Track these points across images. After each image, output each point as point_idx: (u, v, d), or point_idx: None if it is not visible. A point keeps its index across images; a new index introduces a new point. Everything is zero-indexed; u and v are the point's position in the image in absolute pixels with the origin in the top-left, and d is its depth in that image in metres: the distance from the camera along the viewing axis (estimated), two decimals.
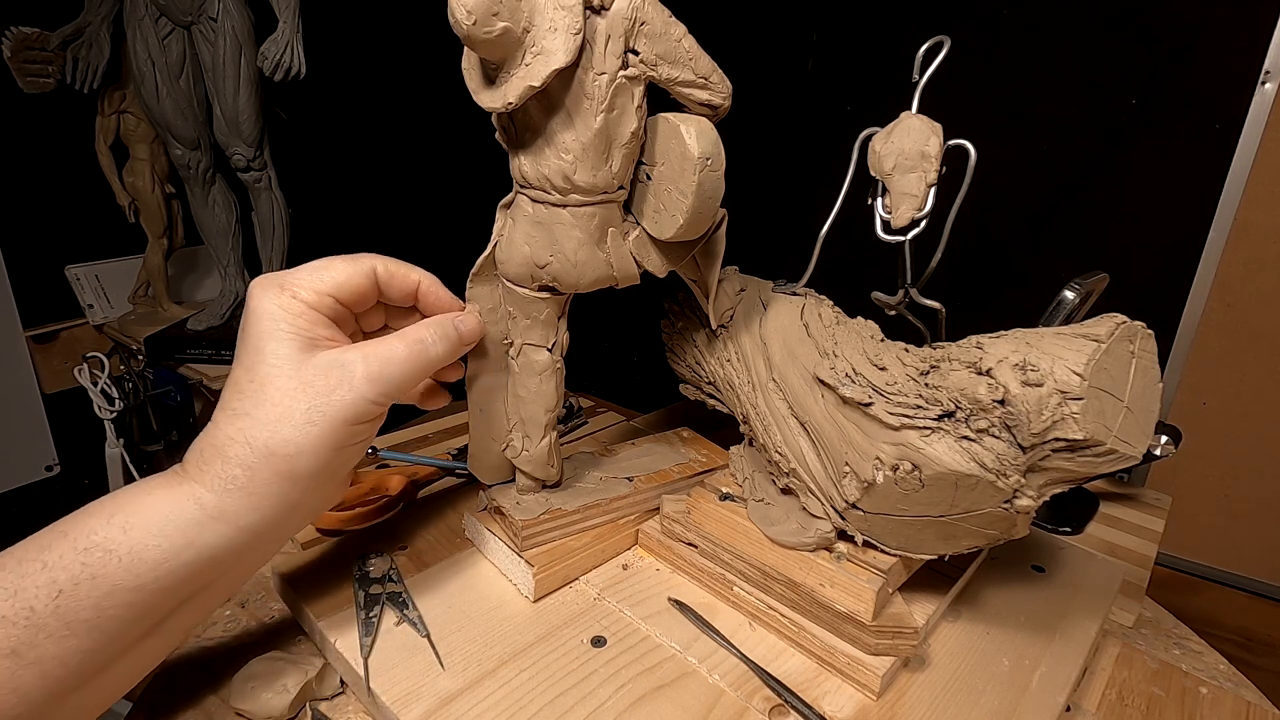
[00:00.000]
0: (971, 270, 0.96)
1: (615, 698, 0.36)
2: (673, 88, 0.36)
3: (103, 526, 0.30)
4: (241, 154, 1.02)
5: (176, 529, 0.30)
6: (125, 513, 0.30)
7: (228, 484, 0.31)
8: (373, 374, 0.33)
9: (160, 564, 0.30)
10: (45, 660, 0.28)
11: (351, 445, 0.34)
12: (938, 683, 0.38)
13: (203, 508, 0.31)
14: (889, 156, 0.41)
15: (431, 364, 0.36)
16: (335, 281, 0.35)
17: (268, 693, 0.36)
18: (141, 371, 1.05)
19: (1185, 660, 0.46)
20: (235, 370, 0.33)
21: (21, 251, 1.09)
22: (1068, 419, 0.31)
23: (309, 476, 0.32)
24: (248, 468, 0.31)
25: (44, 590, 0.28)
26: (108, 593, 0.29)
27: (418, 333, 0.36)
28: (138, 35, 0.96)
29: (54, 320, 1.16)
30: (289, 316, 0.33)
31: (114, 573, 0.29)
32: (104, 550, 0.29)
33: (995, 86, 0.96)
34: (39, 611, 0.28)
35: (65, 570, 0.28)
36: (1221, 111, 0.86)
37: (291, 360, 0.33)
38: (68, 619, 0.28)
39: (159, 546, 0.30)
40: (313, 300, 0.34)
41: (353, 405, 0.33)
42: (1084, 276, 0.49)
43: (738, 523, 0.43)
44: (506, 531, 0.44)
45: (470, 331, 0.39)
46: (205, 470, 0.31)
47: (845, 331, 0.42)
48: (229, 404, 0.32)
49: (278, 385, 0.32)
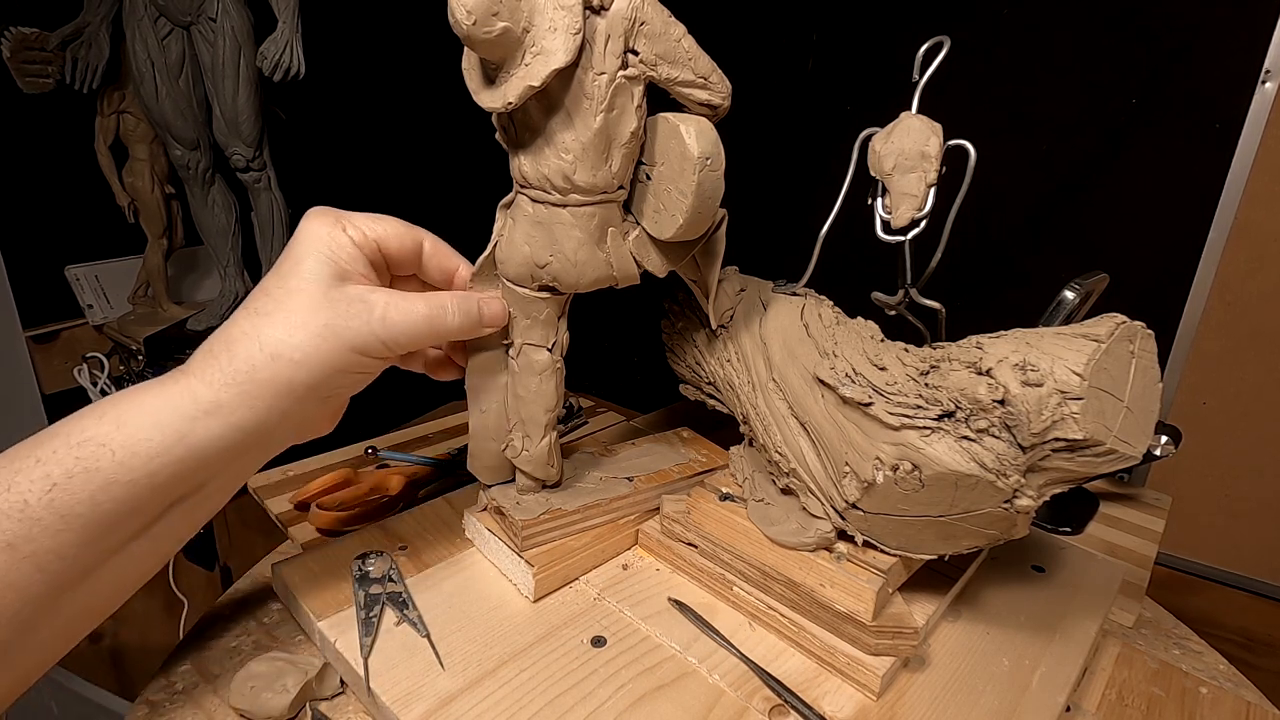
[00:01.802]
0: (971, 270, 0.96)
1: (615, 698, 0.36)
2: (672, 88, 0.36)
3: (95, 424, 0.30)
4: (241, 154, 1.02)
5: (169, 422, 0.31)
6: (118, 409, 0.31)
7: (228, 379, 0.32)
8: (390, 319, 0.35)
9: (153, 457, 0.30)
10: (41, 554, 0.29)
11: (350, 373, 0.36)
12: (938, 683, 0.38)
13: (197, 402, 0.32)
14: (889, 156, 0.41)
15: (446, 332, 0.38)
16: (386, 233, 0.38)
17: (268, 693, 0.36)
18: (141, 371, 1.05)
19: (1185, 660, 0.46)
20: (268, 279, 0.35)
21: (21, 252, 1.09)
22: (1068, 419, 0.31)
23: (305, 388, 0.34)
24: (251, 365, 0.32)
25: (38, 484, 0.29)
26: (101, 485, 0.29)
27: (441, 299, 0.38)
28: (137, 35, 0.96)
29: (54, 320, 1.16)
30: (334, 245, 0.35)
31: (107, 466, 0.30)
32: (97, 444, 0.30)
33: (995, 86, 0.96)
34: (33, 505, 0.28)
35: (59, 464, 0.29)
36: (1222, 111, 0.86)
37: (324, 280, 0.34)
38: (61, 512, 0.29)
39: (151, 440, 0.30)
40: (360, 239, 0.36)
41: (364, 336, 0.34)
42: (1084, 276, 0.49)
43: (738, 523, 0.43)
44: (506, 531, 0.44)
45: (493, 315, 0.40)
46: (209, 364, 0.32)
47: (845, 331, 0.42)
48: (252, 304, 0.34)
49: (305, 295, 0.34)
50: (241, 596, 0.46)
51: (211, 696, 0.38)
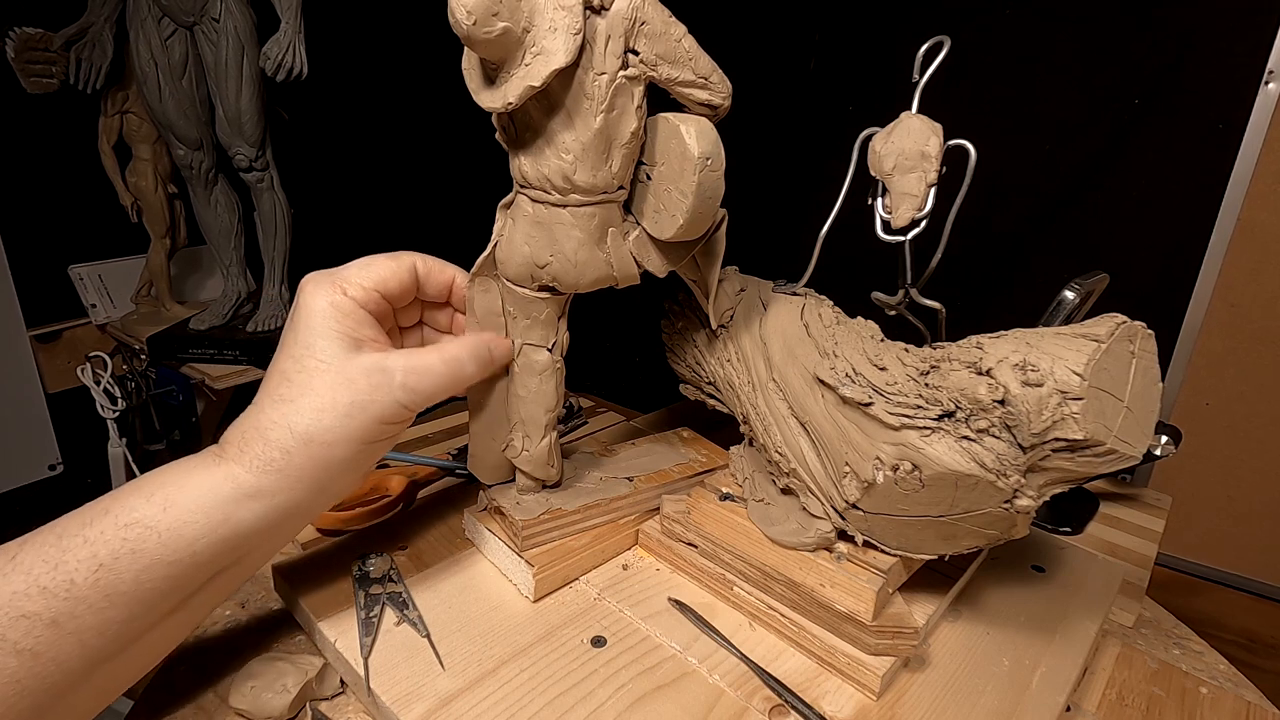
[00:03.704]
0: (971, 270, 0.96)
1: (615, 698, 0.36)
2: (672, 88, 0.36)
3: (143, 504, 0.31)
4: (244, 154, 1.02)
5: (214, 505, 0.32)
6: (165, 491, 0.32)
7: (266, 465, 0.33)
8: (410, 384, 0.36)
9: (197, 539, 0.31)
10: (84, 630, 0.29)
11: (379, 441, 0.36)
12: (938, 683, 0.38)
13: (239, 487, 0.32)
14: (889, 156, 0.41)
15: (463, 381, 0.39)
16: (381, 278, 0.38)
17: (268, 693, 0.36)
18: (144, 371, 1.06)
19: (1185, 660, 0.46)
20: (282, 360, 0.35)
21: (25, 251, 1.10)
22: (1068, 419, 0.31)
23: (340, 464, 0.35)
24: (286, 451, 0.33)
25: (85, 564, 0.29)
26: (146, 566, 0.30)
27: (454, 350, 0.38)
28: (140, 36, 0.96)
29: (57, 320, 1.17)
30: (339, 315, 0.36)
31: (153, 548, 0.30)
32: (144, 527, 0.30)
33: (999, 86, 0.96)
34: (79, 584, 0.29)
35: (106, 545, 0.30)
36: (1225, 111, 0.86)
37: (339, 358, 0.35)
38: (106, 591, 0.29)
39: (197, 523, 0.31)
40: (361, 297, 0.37)
41: (391, 406, 0.35)
42: (1084, 276, 0.49)
43: (738, 523, 0.43)
44: (506, 531, 0.44)
45: (503, 354, 0.42)
46: (245, 451, 0.33)
47: (845, 331, 0.42)
48: (275, 391, 0.35)
49: (324, 379, 0.34)
50: (241, 596, 0.46)
51: (211, 696, 0.38)
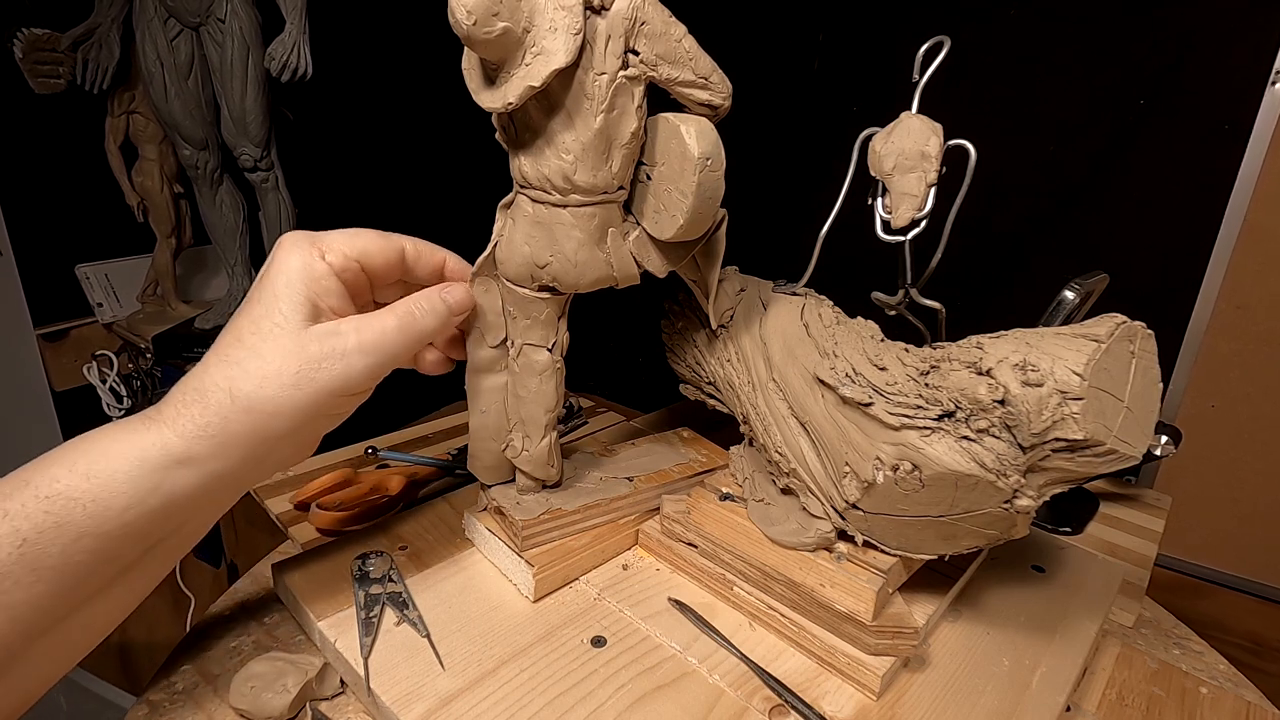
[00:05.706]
0: (971, 270, 0.95)
1: (615, 698, 0.36)
2: (673, 88, 0.36)
3: (65, 474, 0.30)
4: (249, 154, 1.03)
5: (143, 474, 0.30)
6: (89, 459, 0.30)
7: (200, 430, 0.31)
8: (365, 344, 0.34)
9: (126, 509, 0.30)
10: (14, 605, 0.28)
11: (329, 415, 0.35)
12: (938, 683, 0.38)
13: (168, 453, 0.31)
14: (889, 156, 0.41)
15: (422, 335, 0.37)
16: (364, 249, 0.37)
17: (268, 693, 0.36)
18: (149, 369, 1.06)
19: (1185, 660, 0.46)
20: (240, 319, 0.34)
21: (32, 250, 1.10)
22: (1068, 419, 0.31)
23: (279, 437, 0.33)
24: (223, 417, 0.32)
25: (8, 539, 0.28)
26: (74, 539, 0.29)
27: (406, 305, 0.37)
28: (147, 36, 0.97)
29: (64, 319, 1.17)
30: (310, 279, 0.34)
31: (80, 519, 0.29)
32: (67, 498, 0.29)
33: (1002, 86, 0.96)
34: (4, 560, 0.28)
35: (28, 519, 0.29)
36: (1231, 111, 0.85)
37: (295, 323, 0.33)
38: (34, 565, 0.28)
39: (125, 493, 0.30)
40: (339, 264, 0.36)
41: (342, 375, 0.34)
42: (1084, 277, 0.49)
43: (738, 523, 0.43)
44: (506, 531, 0.44)
45: (458, 302, 0.39)
46: (181, 414, 0.32)
47: (845, 331, 0.42)
48: (224, 351, 0.33)
49: (275, 344, 0.33)
50: (242, 596, 0.46)
51: (212, 696, 0.38)
